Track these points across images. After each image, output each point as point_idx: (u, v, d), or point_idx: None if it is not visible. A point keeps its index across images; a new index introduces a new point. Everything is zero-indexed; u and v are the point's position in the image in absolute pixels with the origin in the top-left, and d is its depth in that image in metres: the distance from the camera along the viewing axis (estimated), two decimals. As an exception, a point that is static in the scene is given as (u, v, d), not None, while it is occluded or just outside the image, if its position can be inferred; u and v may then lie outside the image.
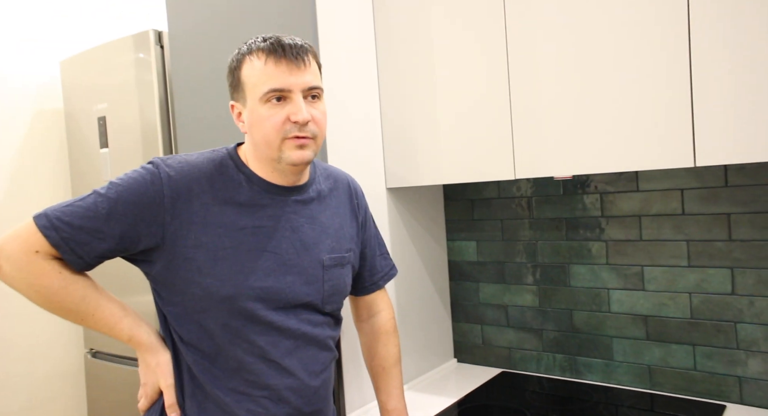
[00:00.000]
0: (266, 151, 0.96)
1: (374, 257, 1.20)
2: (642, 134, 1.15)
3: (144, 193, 0.92)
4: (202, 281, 0.93)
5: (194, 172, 0.96)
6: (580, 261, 1.56)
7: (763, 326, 1.31)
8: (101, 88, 1.88)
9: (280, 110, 0.93)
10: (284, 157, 0.95)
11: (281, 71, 0.92)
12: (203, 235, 0.93)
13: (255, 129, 0.95)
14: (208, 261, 0.93)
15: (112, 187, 0.93)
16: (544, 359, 1.64)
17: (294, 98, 0.93)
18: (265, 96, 0.92)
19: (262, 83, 0.93)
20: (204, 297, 0.94)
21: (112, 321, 0.97)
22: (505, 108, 1.32)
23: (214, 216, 0.94)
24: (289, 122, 0.93)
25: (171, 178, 0.94)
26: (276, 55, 0.92)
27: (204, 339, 0.96)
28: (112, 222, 0.91)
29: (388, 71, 1.52)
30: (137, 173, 0.94)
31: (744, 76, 1.04)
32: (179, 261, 0.93)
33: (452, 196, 1.78)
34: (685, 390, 1.42)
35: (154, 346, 0.99)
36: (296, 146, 0.94)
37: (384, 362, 1.21)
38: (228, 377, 0.96)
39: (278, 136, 0.93)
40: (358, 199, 1.16)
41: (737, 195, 1.33)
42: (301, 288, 1.00)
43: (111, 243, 0.92)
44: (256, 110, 0.94)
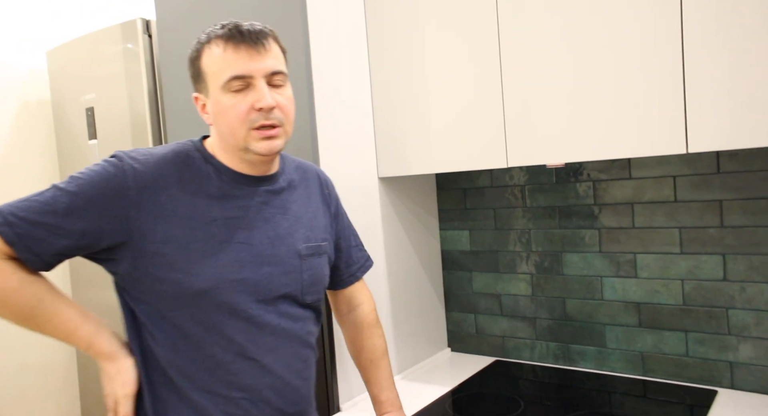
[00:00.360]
0: (233, 142, 0.93)
1: (350, 248, 1.18)
2: (634, 121, 1.15)
3: (107, 187, 0.88)
4: (173, 276, 0.89)
5: (160, 164, 0.92)
6: (573, 249, 1.56)
7: (755, 311, 1.32)
8: (89, 78, 1.85)
9: (243, 98, 0.89)
10: (252, 147, 0.92)
11: (241, 57, 0.89)
12: (172, 229, 0.89)
13: (220, 119, 0.92)
14: (179, 256, 0.89)
15: (72, 180, 0.88)
16: (538, 347, 1.64)
17: (257, 85, 0.90)
18: (227, 84, 0.89)
19: (222, 71, 0.89)
20: (177, 294, 0.90)
21: (71, 327, 0.92)
22: (497, 96, 1.32)
23: (183, 209, 0.91)
24: (254, 111, 0.90)
25: (136, 170, 0.90)
26: (235, 41, 0.89)
27: (178, 337, 0.91)
28: (73, 218, 0.86)
29: (380, 60, 1.51)
30: (99, 166, 0.90)
31: (736, 63, 1.04)
32: (148, 257, 0.89)
33: (445, 186, 1.77)
34: (677, 376, 1.43)
35: (114, 354, 0.94)
36: (262, 138, 0.91)
37: (371, 355, 1.19)
38: (204, 378, 0.92)
39: (243, 126, 0.90)
40: (329, 189, 1.14)
41: (729, 181, 1.33)
42: (279, 279, 0.97)
43: (71, 240, 0.87)
44: (219, 100, 0.91)
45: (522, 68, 1.27)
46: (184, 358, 0.92)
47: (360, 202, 1.48)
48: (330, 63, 1.41)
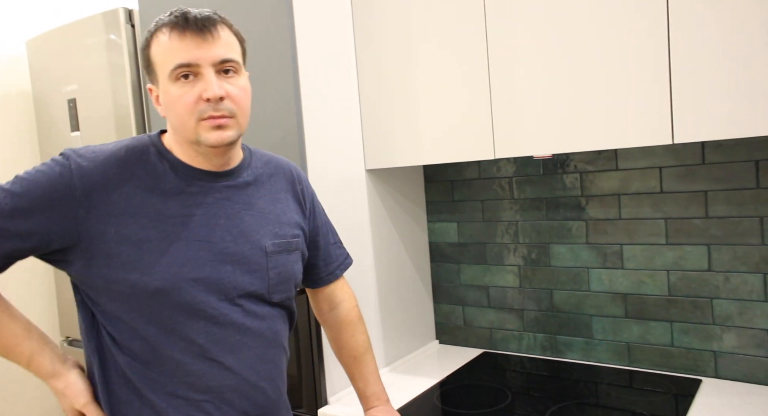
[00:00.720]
0: (184, 134, 0.89)
1: (328, 246, 1.15)
2: (621, 112, 1.15)
3: (52, 187, 0.84)
4: (128, 277, 0.85)
5: (110, 160, 0.88)
6: (560, 240, 1.56)
7: (738, 301, 1.33)
8: (70, 69, 1.82)
9: (190, 89, 0.86)
10: (202, 139, 0.87)
11: (186, 45, 0.85)
12: (125, 228, 0.86)
13: (170, 111, 0.89)
14: (132, 255, 0.85)
15: (17, 181, 0.85)
16: (525, 339, 1.65)
17: (204, 74, 0.86)
18: (173, 73, 0.85)
19: (168, 60, 0.86)
20: (132, 295, 0.86)
21: (11, 343, 0.89)
22: (484, 87, 1.31)
23: (136, 207, 0.87)
24: (202, 101, 0.86)
25: (83, 168, 0.86)
26: (179, 29, 0.85)
27: (136, 339, 0.88)
28: (17, 220, 0.83)
29: (366, 51, 1.50)
30: (45, 166, 0.86)
31: (721, 54, 1.04)
32: (100, 258, 0.85)
33: (433, 178, 1.77)
34: (663, 366, 1.44)
35: (56, 372, 0.91)
36: (212, 127, 0.87)
37: (354, 352, 1.17)
38: (165, 380, 0.89)
39: (192, 116, 0.86)
40: (303, 185, 1.10)
41: (714, 172, 1.34)
42: (242, 278, 0.93)
43: (17, 242, 0.83)
44: (168, 90, 0.87)
45: (509, 60, 1.27)
46: (143, 360, 0.89)
47: (347, 195, 1.47)
48: (316, 55, 1.39)
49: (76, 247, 0.86)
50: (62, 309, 2.03)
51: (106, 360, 0.92)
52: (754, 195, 1.30)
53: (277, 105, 1.36)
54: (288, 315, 1.05)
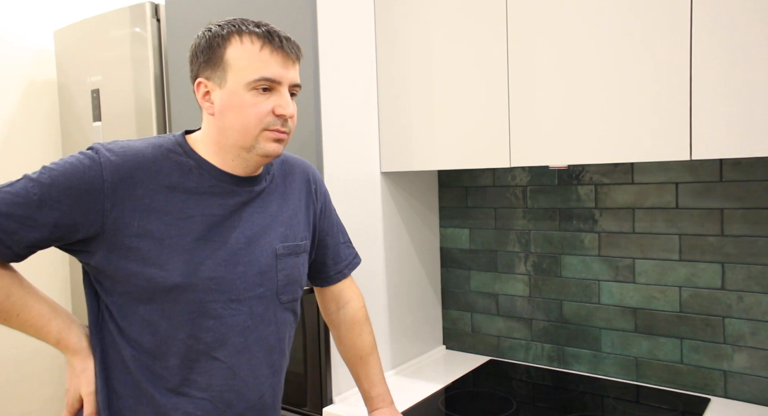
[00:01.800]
0: (239, 139, 0.91)
1: (337, 245, 1.17)
2: (639, 126, 1.14)
3: (81, 179, 0.86)
4: (146, 271, 0.88)
5: (138, 157, 0.90)
6: (572, 252, 1.56)
7: (751, 321, 1.32)
8: (96, 60, 1.85)
9: (265, 100, 0.90)
10: (259, 147, 0.91)
11: (276, 61, 0.90)
12: (148, 223, 0.88)
13: (232, 113, 0.91)
14: (153, 251, 0.88)
15: (45, 171, 0.86)
16: (533, 348, 1.64)
17: (282, 91, 0.91)
18: (255, 83, 0.89)
19: (254, 69, 0.88)
20: (149, 289, 0.88)
21: (40, 323, 0.91)
22: (502, 95, 1.31)
23: (160, 204, 0.89)
24: (272, 115, 0.90)
25: (112, 162, 0.88)
26: (273, 45, 0.90)
27: (146, 332, 0.91)
28: (45, 210, 0.84)
29: (386, 56, 1.50)
30: (74, 158, 0.88)
31: (743, 71, 1.03)
32: (122, 250, 0.87)
33: (447, 183, 1.77)
34: (671, 383, 1.43)
35: (83, 351, 0.94)
36: (274, 139, 0.92)
37: (360, 352, 1.18)
38: (168, 375, 0.91)
39: (259, 125, 0.90)
40: (317, 185, 1.12)
41: (731, 190, 1.33)
42: (253, 279, 0.96)
43: (43, 232, 0.85)
44: (239, 94, 0.89)
45: (529, 68, 1.27)
46: (150, 353, 0.91)
47: (361, 197, 1.48)
48: (337, 58, 1.40)
49: (98, 238, 0.88)
50: (75, 299, 2.06)
51: (108, 352, 0.94)
52: (771, 214, 1.28)
53: (297, 106, 1.37)
54: (293, 320, 1.06)
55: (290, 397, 1.42)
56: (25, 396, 2.03)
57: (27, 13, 2.03)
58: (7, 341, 1.97)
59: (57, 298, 2.09)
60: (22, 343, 2.00)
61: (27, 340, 1.97)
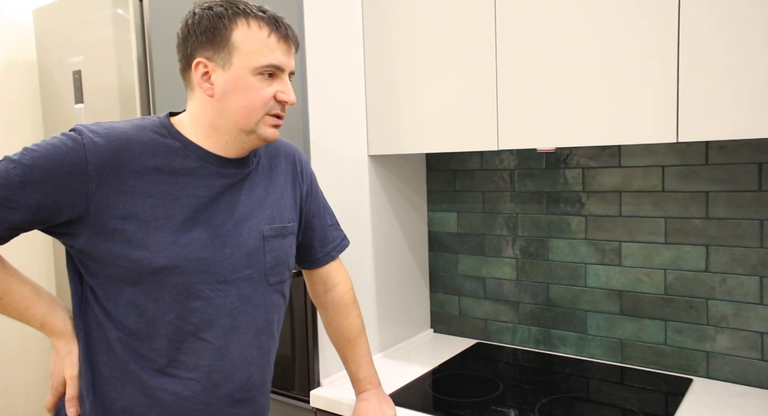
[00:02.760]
0: (240, 121, 0.92)
1: (325, 227, 1.17)
2: (626, 109, 1.14)
3: (63, 161, 0.84)
4: (132, 253, 0.87)
5: (122, 138, 0.89)
6: (559, 235, 1.56)
7: (733, 303, 1.34)
8: (77, 41, 1.81)
9: (269, 86, 0.92)
10: (259, 131, 0.94)
11: (282, 49, 0.92)
12: (133, 205, 0.87)
13: (236, 96, 0.90)
14: (139, 233, 0.87)
15: (26, 153, 0.85)
16: (519, 331, 1.65)
17: (284, 78, 0.94)
18: (263, 68, 0.90)
19: (262, 55, 0.90)
20: (135, 271, 0.88)
21: (23, 305, 0.91)
22: (490, 78, 1.30)
23: (145, 186, 0.89)
24: (274, 100, 0.93)
25: (96, 144, 0.87)
26: (280, 33, 0.92)
27: (132, 314, 0.90)
28: (27, 192, 0.83)
29: (374, 37, 1.49)
30: (57, 139, 0.87)
31: (730, 54, 1.03)
32: (107, 233, 0.87)
33: (435, 167, 1.77)
34: (655, 364, 1.45)
35: (67, 333, 0.94)
36: (273, 124, 0.95)
37: (348, 335, 1.19)
38: (155, 356, 0.91)
39: (263, 110, 0.92)
40: (302, 166, 1.12)
41: (716, 173, 1.34)
42: (241, 260, 0.96)
43: (26, 214, 0.84)
44: (245, 78, 0.90)
45: (516, 50, 1.26)
46: (138, 335, 0.91)
47: (349, 180, 1.47)
48: (323, 39, 1.38)
49: (83, 220, 0.87)
50: (60, 283, 2.04)
51: (93, 335, 0.93)
52: (755, 197, 1.29)
53: (283, 86, 1.35)
54: (282, 302, 1.06)
55: (278, 381, 1.42)
56: (10, 380, 2.01)
57: (4, -9, 1.97)
58: (-9, 327, 1.95)
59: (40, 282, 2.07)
60: (7, 327, 1.98)
61: (12, 324, 1.95)
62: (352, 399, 1.25)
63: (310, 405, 1.36)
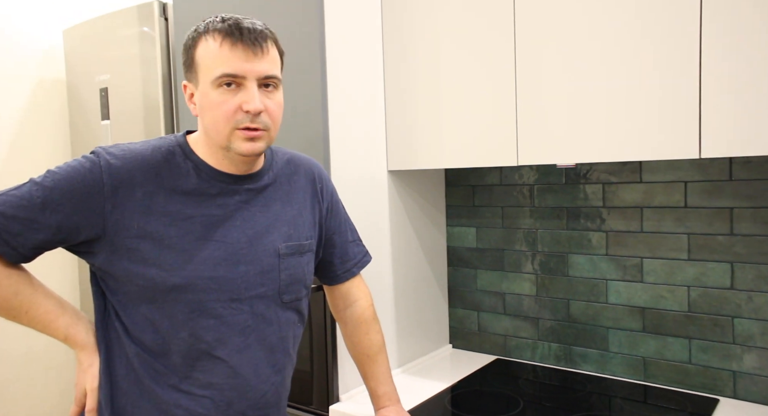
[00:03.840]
0: (216, 138, 0.92)
1: (345, 244, 1.16)
2: (647, 124, 1.14)
3: (82, 182, 0.88)
4: (146, 272, 0.89)
5: (137, 159, 0.92)
6: (579, 251, 1.55)
7: (761, 321, 1.31)
8: (104, 59, 1.86)
9: (232, 97, 0.89)
10: (233, 147, 0.91)
11: (236, 56, 0.88)
12: (147, 225, 0.90)
13: (205, 113, 0.92)
14: (152, 251, 0.89)
15: (48, 175, 0.89)
16: (540, 348, 1.64)
17: (248, 86, 0.89)
18: (218, 80, 0.88)
19: (215, 66, 0.88)
20: (149, 288, 0.90)
21: (47, 319, 0.93)
22: (510, 93, 1.31)
23: (159, 205, 0.91)
24: (241, 111, 0.89)
25: (111, 165, 0.90)
26: (232, 39, 0.88)
27: (148, 331, 0.92)
28: (48, 212, 0.87)
29: (393, 53, 1.50)
30: (77, 162, 0.91)
31: (752, 69, 1.02)
32: (123, 251, 0.89)
33: (454, 182, 1.77)
34: (679, 383, 1.42)
35: (90, 346, 0.95)
36: (246, 138, 0.90)
37: (368, 350, 1.19)
38: (170, 373, 0.93)
39: (228, 124, 0.89)
40: (323, 183, 1.12)
41: (741, 189, 1.32)
42: (255, 279, 0.96)
43: (47, 234, 0.88)
44: (208, 94, 0.90)
45: (536, 67, 1.27)
46: (153, 351, 0.92)
47: (368, 195, 1.48)
48: (344, 55, 1.40)
49: (101, 240, 0.90)
50: (84, 298, 2.07)
51: (113, 349, 0.95)
52: (781, 214, 1.27)
53: (304, 104, 1.37)
54: (298, 320, 1.06)
55: (297, 395, 1.43)
56: (37, 392, 2.04)
57: (36, 12, 2.04)
58: (19, 337, 1.99)
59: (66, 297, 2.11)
60: (34, 340, 2.02)
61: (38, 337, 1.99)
62: (371, 415, 1.24)
63: (329, 421, 1.36)
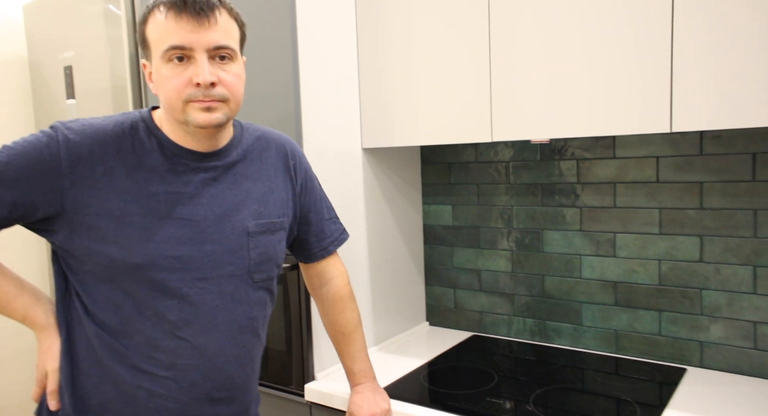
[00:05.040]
0: (172, 114, 0.90)
1: (321, 221, 1.15)
2: (619, 99, 1.14)
3: (38, 158, 0.85)
4: (107, 250, 0.87)
5: (98, 134, 0.89)
6: (554, 227, 1.56)
7: (727, 293, 1.34)
8: (67, 36, 1.79)
9: (182, 71, 0.86)
10: (190, 119, 0.88)
11: (181, 27, 0.84)
12: (108, 202, 0.87)
13: (160, 90, 0.89)
14: (113, 229, 0.87)
15: (4, 150, 0.86)
16: (515, 323, 1.66)
17: (197, 58, 0.85)
18: (166, 54, 0.85)
19: (162, 40, 0.85)
20: (110, 267, 0.88)
21: (6, 299, 0.92)
22: (484, 70, 1.30)
23: (120, 182, 0.88)
24: (192, 85, 0.86)
25: (70, 141, 0.87)
26: (176, 9, 0.84)
27: (110, 311, 0.90)
28: (3, 189, 0.84)
29: (367, 28, 1.48)
30: (34, 137, 0.88)
31: (723, 44, 1.03)
32: (82, 229, 0.87)
33: (429, 159, 1.76)
34: (649, 355, 1.45)
35: (49, 327, 0.93)
36: (201, 109, 0.87)
37: (344, 329, 1.19)
38: (132, 353, 0.90)
39: (180, 98, 0.87)
40: (296, 160, 1.09)
41: (711, 163, 1.33)
42: (222, 257, 0.94)
43: (2, 211, 0.85)
44: (159, 69, 0.87)
45: (510, 43, 1.26)
46: (114, 331, 0.90)
47: (343, 173, 1.47)
48: (317, 30, 1.37)
49: (60, 217, 0.87)
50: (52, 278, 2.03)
51: (74, 330, 0.93)
52: (749, 187, 1.29)
53: (276, 79, 1.35)
54: (269, 299, 1.04)
55: (273, 374, 1.42)
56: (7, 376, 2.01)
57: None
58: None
59: (33, 277, 2.07)
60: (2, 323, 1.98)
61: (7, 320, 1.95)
62: (346, 393, 1.25)
63: (305, 399, 1.36)
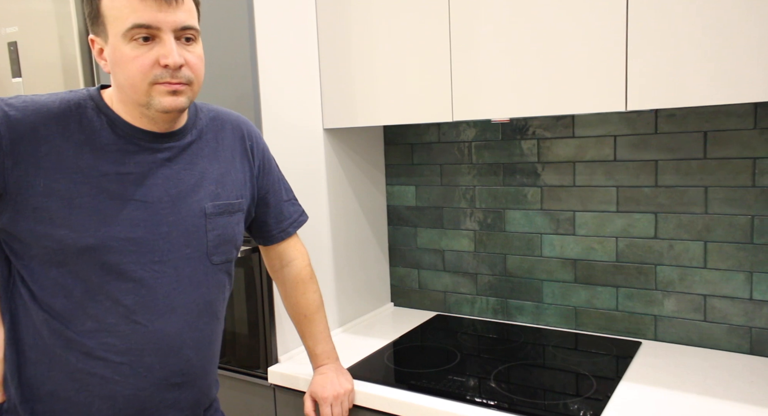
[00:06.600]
0: (132, 96, 0.85)
1: (280, 203, 1.13)
2: (577, 78, 1.15)
3: None
4: (55, 232, 0.83)
5: (42, 111, 0.84)
6: (516, 206, 1.58)
7: (680, 268, 1.38)
8: (10, 10, 1.70)
9: (147, 51, 0.82)
10: (154, 103, 0.85)
11: (148, 5, 0.81)
12: (55, 182, 0.83)
13: (118, 70, 0.84)
14: (61, 210, 0.83)
15: None
16: (478, 302, 1.68)
17: (164, 38, 0.82)
18: (129, 32, 0.81)
19: (125, 17, 0.81)
20: (58, 251, 0.84)
21: None
22: (444, 49, 1.29)
23: (68, 161, 0.84)
24: (159, 66, 0.83)
25: (10, 118, 0.82)
26: None
27: (59, 296, 0.86)
28: None
29: (326, 6, 1.45)
30: None
31: (676, 24, 1.04)
32: (27, 211, 0.83)
33: (392, 140, 1.75)
34: (607, 329, 1.49)
35: None
36: (168, 92, 0.84)
37: (305, 310, 1.18)
38: (84, 339, 0.87)
39: (145, 80, 0.83)
40: (253, 141, 1.07)
41: (665, 142, 1.36)
42: (178, 239, 0.91)
43: None
44: (119, 48, 0.82)
45: (470, 21, 1.25)
46: (64, 317, 0.87)
47: (304, 154, 1.44)
48: (274, 9, 1.34)
49: (2, 199, 0.83)
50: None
51: (19, 318, 0.89)
52: (700, 165, 1.33)
53: (232, 58, 1.31)
54: (228, 281, 1.02)
55: (236, 358, 1.41)
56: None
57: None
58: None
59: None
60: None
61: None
62: (310, 375, 1.25)
63: (269, 382, 1.36)
